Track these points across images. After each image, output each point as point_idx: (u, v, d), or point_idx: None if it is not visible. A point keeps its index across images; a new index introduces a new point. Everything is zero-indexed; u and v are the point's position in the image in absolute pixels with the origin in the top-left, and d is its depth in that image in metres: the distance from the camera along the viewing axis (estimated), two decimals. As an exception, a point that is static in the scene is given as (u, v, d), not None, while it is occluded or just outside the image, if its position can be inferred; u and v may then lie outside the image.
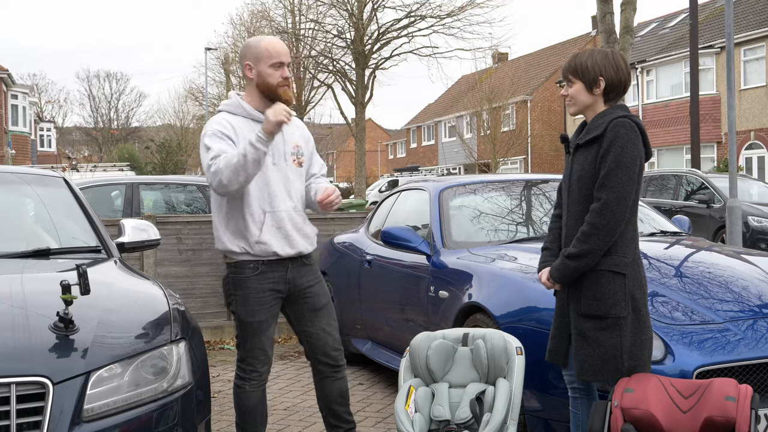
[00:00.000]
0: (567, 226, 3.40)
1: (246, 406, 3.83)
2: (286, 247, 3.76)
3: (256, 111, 3.75)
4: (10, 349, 2.71)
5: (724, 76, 20.18)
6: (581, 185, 3.32)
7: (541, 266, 3.52)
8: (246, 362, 3.83)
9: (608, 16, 11.95)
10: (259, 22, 35.65)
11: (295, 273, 3.83)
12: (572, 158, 3.41)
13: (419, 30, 29.41)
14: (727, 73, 11.63)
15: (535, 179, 5.89)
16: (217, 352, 7.36)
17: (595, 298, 3.26)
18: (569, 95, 3.40)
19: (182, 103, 55.93)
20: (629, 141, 3.22)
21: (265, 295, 3.77)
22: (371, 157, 62.40)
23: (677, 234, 5.44)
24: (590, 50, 3.41)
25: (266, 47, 3.74)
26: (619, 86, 3.35)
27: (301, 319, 3.91)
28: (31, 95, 44.91)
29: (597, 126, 3.30)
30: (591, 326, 3.27)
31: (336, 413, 3.98)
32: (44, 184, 4.38)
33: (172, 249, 7.76)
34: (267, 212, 3.72)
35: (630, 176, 3.21)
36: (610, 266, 3.25)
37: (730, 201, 11.24)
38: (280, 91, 3.73)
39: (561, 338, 3.44)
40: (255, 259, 3.73)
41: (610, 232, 3.21)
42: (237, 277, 3.77)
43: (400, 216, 6.08)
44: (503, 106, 36.91)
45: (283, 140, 3.79)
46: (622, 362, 3.23)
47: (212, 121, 3.75)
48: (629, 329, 3.24)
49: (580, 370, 3.32)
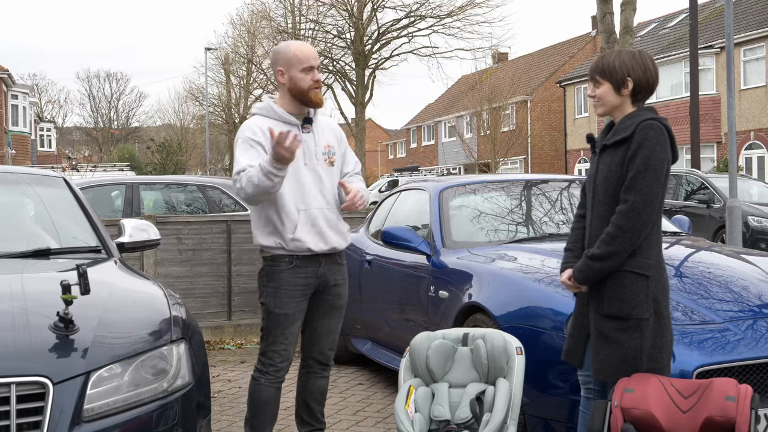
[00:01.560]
0: (591, 226, 3.37)
1: (259, 400, 3.89)
2: (320, 243, 3.85)
3: (288, 114, 3.86)
4: (10, 349, 2.71)
5: (724, 76, 20.19)
6: (607, 186, 3.29)
7: (564, 267, 3.47)
8: (266, 356, 3.89)
9: (608, 16, 11.95)
10: (259, 22, 35.71)
11: (327, 269, 3.92)
12: (598, 159, 3.38)
13: (419, 30, 29.47)
14: (727, 73, 11.63)
15: (535, 179, 5.89)
16: (217, 352, 7.36)
17: (617, 299, 3.24)
18: (597, 96, 3.36)
19: (182, 103, 56.02)
20: (658, 144, 3.20)
21: (296, 289, 3.85)
22: (371, 157, 62.44)
23: (677, 234, 5.44)
24: (617, 50, 3.38)
25: (295, 52, 3.83)
26: (647, 87, 3.32)
27: (315, 312, 3.98)
28: (31, 95, 44.90)
29: (625, 127, 3.27)
30: (612, 327, 3.25)
31: (311, 410, 4.06)
32: (44, 184, 4.38)
33: (172, 249, 7.76)
34: (301, 210, 3.82)
35: (657, 179, 3.19)
36: (634, 268, 3.23)
37: (730, 201, 11.24)
38: (311, 94, 3.84)
39: (579, 338, 3.42)
40: (290, 253, 3.84)
41: (636, 235, 3.19)
42: (272, 270, 3.87)
43: (400, 216, 6.08)
44: (503, 106, 36.93)
45: (314, 141, 3.89)
46: (642, 364, 3.21)
47: (244, 127, 3.88)
48: (650, 331, 3.22)
49: (599, 371, 3.29)
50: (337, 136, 4.03)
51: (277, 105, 3.90)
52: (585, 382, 3.50)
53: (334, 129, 4.07)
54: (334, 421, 5.05)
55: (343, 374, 6.35)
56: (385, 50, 29.88)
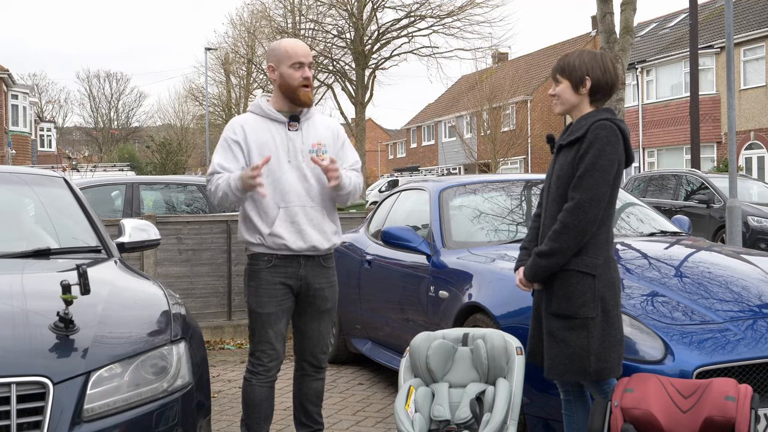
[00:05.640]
0: (544, 225, 3.42)
1: (251, 400, 3.87)
2: (298, 240, 3.82)
3: (274, 111, 3.85)
4: (11, 349, 2.71)
5: (724, 76, 20.18)
6: (559, 185, 3.34)
7: (518, 265, 3.53)
8: (254, 356, 3.89)
9: (608, 16, 11.93)
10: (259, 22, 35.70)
11: (309, 271, 3.88)
12: (555, 158, 3.44)
13: (419, 30, 29.45)
14: (726, 73, 11.63)
15: (535, 179, 5.88)
16: (217, 352, 7.36)
17: (564, 298, 3.28)
18: (556, 94, 3.42)
19: (182, 103, 56.01)
20: (609, 143, 3.23)
21: (275, 288, 3.83)
22: (371, 157, 62.46)
23: (677, 234, 5.44)
24: (580, 50, 3.42)
25: (286, 48, 3.82)
26: (605, 87, 3.36)
27: (302, 315, 3.96)
28: (31, 95, 44.91)
29: (580, 127, 3.32)
30: (559, 326, 3.28)
31: (308, 412, 4.04)
32: (44, 184, 4.38)
33: (172, 249, 7.76)
34: (281, 207, 3.80)
35: (605, 178, 3.22)
36: (580, 267, 3.26)
37: (730, 201, 11.24)
38: (300, 92, 3.81)
39: (538, 338, 3.45)
40: (269, 252, 3.82)
41: (581, 232, 3.22)
42: (252, 268, 3.88)
43: (400, 216, 6.08)
44: (503, 106, 36.90)
45: (301, 138, 3.85)
46: (590, 363, 3.23)
47: (228, 125, 3.90)
48: (598, 330, 3.24)
49: (549, 370, 3.33)
50: (333, 134, 3.96)
51: (266, 102, 3.88)
52: (562, 384, 3.52)
53: (331, 127, 4.01)
54: (334, 421, 5.05)
55: (343, 374, 6.35)
56: (385, 50, 29.88)
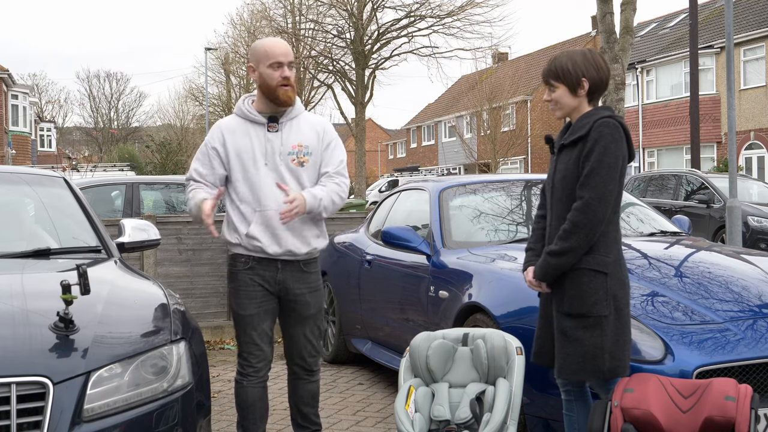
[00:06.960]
0: (551, 225, 3.41)
1: (244, 401, 3.86)
2: (273, 245, 3.77)
3: (254, 112, 3.81)
4: (11, 349, 2.71)
5: (724, 76, 20.18)
6: (565, 185, 3.33)
7: (526, 266, 3.52)
8: (242, 357, 3.88)
9: (608, 16, 11.93)
10: (259, 22, 35.68)
11: (288, 276, 3.83)
12: (556, 158, 3.43)
13: (419, 30, 29.44)
14: (726, 73, 11.63)
15: (535, 179, 5.88)
16: (217, 352, 7.36)
17: (577, 297, 3.27)
18: (553, 100, 3.39)
19: (182, 103, 55.93)
20: (613, 141, 3.23)
21: (254, 290, 3.81)
22: (371, 157, 62.44)
23: (677, 234, 5.44)
24: (568, 53, 3.39)
25: (264, 48, 3.78)
26: (600, 85, 3.36)
27: (286, 320, 3.95)
28: (31, 95, 44.90)
29: (582, 126, 3.31)
30: (572, 325, 3.27)
31: (304, 414, 4.02)
32: (44, 184, 4.38)
33: (172, 249, 7.76)
34: (257, 211, 3.77)
35: (612, 176, 3.22)
36: (592, 265, 3.26)
37: (730, 201, 11.24)
38: (280, 92, 3.74)
39: (546, 339, 3.44)
40: (247, 253, 3.81)
41: (592, 231, 3.22)
42: (231, 269, 3.89)
43: (400, 216, 6.08)
44: (503, 106, 36.90)
45: (280, 140, 3.79)
46: (603, 362, 3.23)
47: (211, 129, 3.91)
48: (611, 329, 3.24)
49: (561, 369, 3.32)
50: (318, 135, 3.84)
51: (248, 104, 3.84)
52: (563, 384, 3.51)
53: (317, 127, 3.87)
54: (334, 421, 5.05)
55: (343, 374, 6.35)
56: (385, 50, 29.87)
